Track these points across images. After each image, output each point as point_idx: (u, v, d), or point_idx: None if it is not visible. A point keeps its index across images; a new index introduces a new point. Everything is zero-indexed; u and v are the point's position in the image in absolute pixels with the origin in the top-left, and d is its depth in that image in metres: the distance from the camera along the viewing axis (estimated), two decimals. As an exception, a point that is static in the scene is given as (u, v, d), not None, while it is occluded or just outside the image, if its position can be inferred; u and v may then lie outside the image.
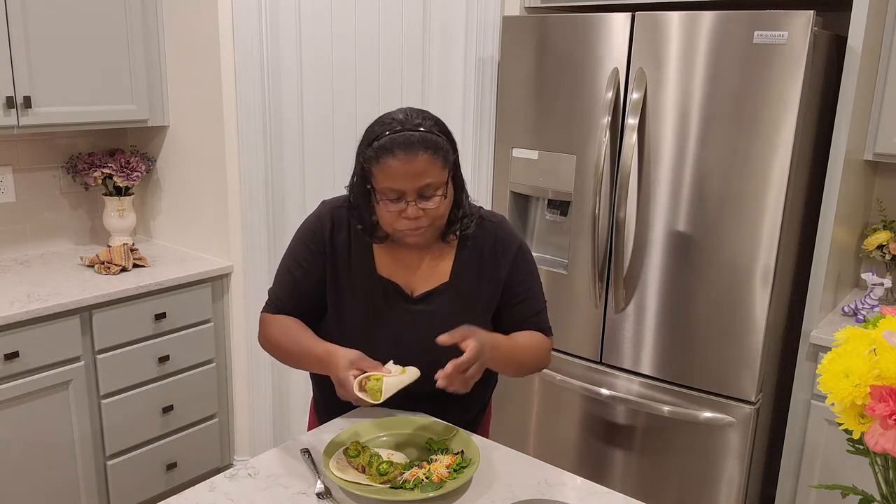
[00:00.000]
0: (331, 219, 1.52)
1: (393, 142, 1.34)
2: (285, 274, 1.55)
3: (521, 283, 1.57)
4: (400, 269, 1.52)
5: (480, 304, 1.55)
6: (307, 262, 1.53)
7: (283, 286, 1.56)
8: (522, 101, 2.52)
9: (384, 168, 1.34)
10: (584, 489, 1.34)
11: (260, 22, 2.49)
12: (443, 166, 1.38)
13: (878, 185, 2.54)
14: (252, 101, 2.56)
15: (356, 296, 1.52)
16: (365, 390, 1.29)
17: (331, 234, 1.51)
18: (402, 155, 1.33)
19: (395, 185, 1.35)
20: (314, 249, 1.52)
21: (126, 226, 2.87)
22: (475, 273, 1.54)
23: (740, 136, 2.10)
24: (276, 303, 1.56)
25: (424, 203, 1.37)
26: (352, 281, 1.52)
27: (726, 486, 2.30)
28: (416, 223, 1.38)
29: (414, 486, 1.27)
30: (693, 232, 2.22)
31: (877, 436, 0.83)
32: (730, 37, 2.07)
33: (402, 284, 1.52)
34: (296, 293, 1.54)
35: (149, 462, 2.59)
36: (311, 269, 1.53)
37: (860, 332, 0.92)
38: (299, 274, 1.53)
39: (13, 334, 2.17)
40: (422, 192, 1.36)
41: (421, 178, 1.35)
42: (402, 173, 1.34)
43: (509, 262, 1.55)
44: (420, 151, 1.34)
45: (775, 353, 2.30)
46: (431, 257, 1.53)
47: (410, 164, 1.33)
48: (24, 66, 2.38)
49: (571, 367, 2.54)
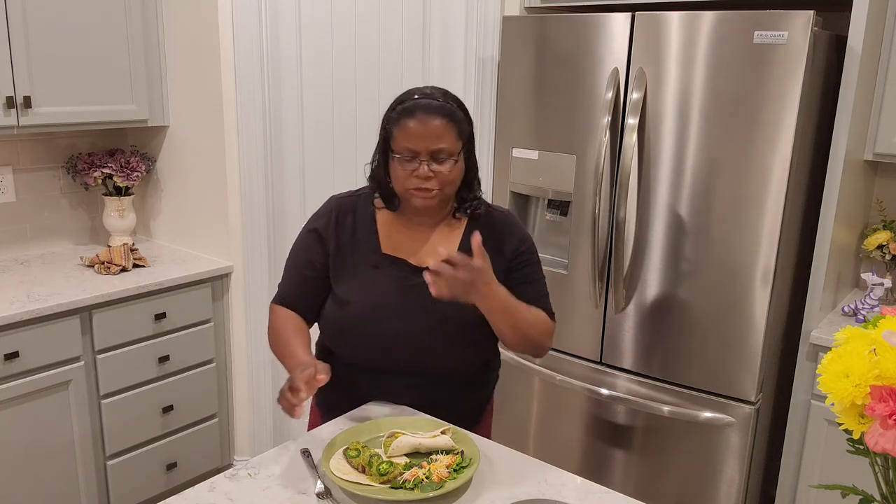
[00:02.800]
0: (336, 208, 1.61)
1: (416, 106, 1.46)
2: (291, 268, 1.64)
3: (524, 267, 1.60)
4: (406, 245, 1.57)
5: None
6: (310, 252, 1.59)
7: (287, 277, 1.65)
8: (522, 101, 2.52)
9: (403, 128, 1.45)
10: (584, 489, 1.34)
11: (260, 22, 2.49)
12: (457, 137, 1.47)
13: (878, 185, 2.54)
14: (252, 101, 2.56)
15: (359, 274, 1.56)
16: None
17: (335, 222, 1.59)
18: (422, 116, 1.45)
19: (411, 144, 1.45)
20: (316, 238, 1.59)
21: (126, 226, 2.87)
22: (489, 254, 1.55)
23: (740, 136, 2.10)
24: (281, 293, 1.64)
25: (436, 166, 1.46)
26: (356, 261, 1.57)
27: (726, 486, 2.30)
28: (426, 183, 1.46)
29: (414, 486, 1.27)
30: (693, 232, 2.22)
31: (877, 436, 0.83)
32: (730, 37, 2.07)
33: (408, 259, 1.56)
34: (300, 283, 1.61)
35: (149, 462, 2.59)
36: (314, 259, 1.59)
37: (860, 332, 0.92)
38: (303, 266, 1.60)
39: (13, 334, 2.17)
40: (434, 154, 1.45)
41: (435, 141, 1.45)
42: (418, 134, 1.44)
43: (514, 246, 1.60)
44: (437, 117, 1.45)
45: (775, 353, 2.30)
46: (438, 236, 1.58)
47: (427, 127, 1.44)
48: (24, 66, 2.38)
49: (571, 367, 2.54)
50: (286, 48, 2.56)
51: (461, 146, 1.49)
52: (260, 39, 2.51)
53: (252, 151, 2.60)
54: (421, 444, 1.38)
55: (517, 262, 1.59)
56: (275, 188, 2.67)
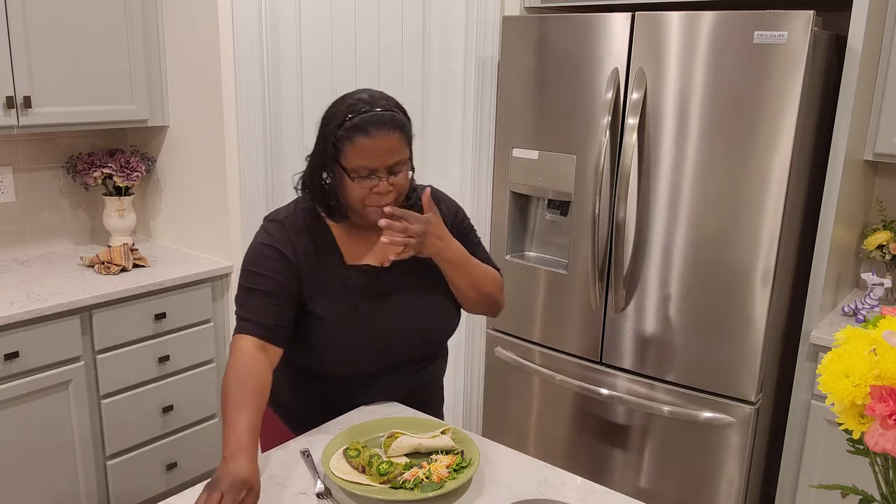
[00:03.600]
0: (287, 230, 1.51)
1: (365, 121, 1.41)
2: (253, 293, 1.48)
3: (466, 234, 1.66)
4: (367, 251, 1.57)
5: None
6: (275, 273, 1.47)
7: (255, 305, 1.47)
8: (522, 101, 2.52)
9: (356, 146, 1.41)
10: (584, 489, 1.34)
11: (260, 22, 2.49)
12: (407, 144, 1.47)
13: (878, 185, 2.54)
14: (252, 100, 2.56)
15: (334, 291, 1.52)
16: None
17: (295, 245, 1.50)
18: (376, 133, 1.40)
19: (367, 162, 1.41)
20: (281, 261, 1.49)
21: (126, 226, 2.87)
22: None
23: (740, 136, 2.10)
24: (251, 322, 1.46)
25: (394, 179, 1.44)
26: (325, 279, 1.52)
27: (726, 486, 2.30)
28: (386, 198, 1.44)
29: (414, 486, 1.27)
30: (693, 232, 2.22)
31: (877, 436, 0.83)
32: (730, 37, 2.07)
33: (373, 263, 1.56)
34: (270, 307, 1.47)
35: (149, 462, 2.59)
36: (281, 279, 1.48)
37: (860, 332, 0.92)
38: (270, 287, 1.47)
39: (13, 334, 2.17)
40: (392, 168, 1.44)
41: (392, 155, 1.42)
42: (374, 151, 1.41)
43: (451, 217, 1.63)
44: (391, 130, 1.42)
45: (775, 354, 2.30)
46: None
47: (383, 143, 1.41)
48: (24, 66, 2.38)
49: (571, 367, 2.54)
50: (286, 48, 2.56)
51: (410, 151, 1.48)
52: (260, 39, 2.50)
53: (252, 151, 2.59)
54: (421, 445, 1.38)
55: (457, 230, 1.63)
56: (275, 188, 2.67)
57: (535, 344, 2.63)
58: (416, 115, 2.75)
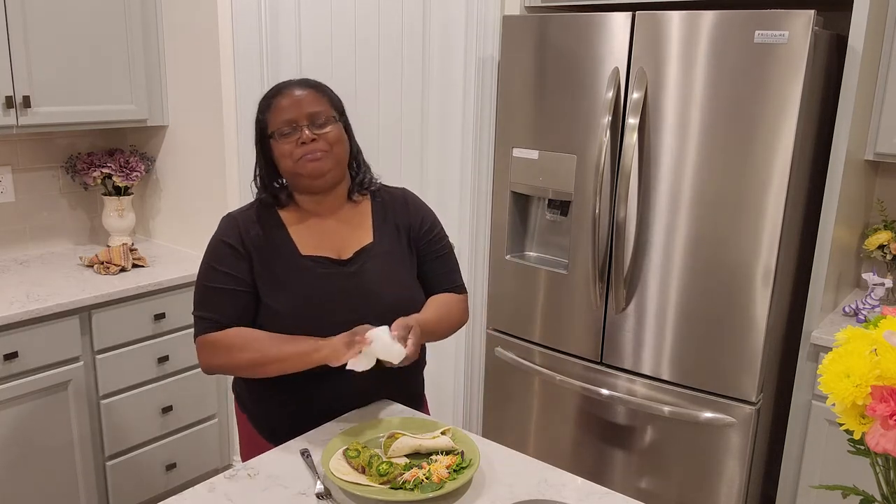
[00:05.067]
0: (238, 223, 1.55)
1: (278, 87, 1.53)
2: (215, 291, 1.52)
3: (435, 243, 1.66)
4: (323, 242, 1.56)
5: (406, 259, 1.62)
6: (233, 268, 1.51)
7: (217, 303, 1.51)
8: (522, 101, 2.52)
9: (274, 108, 1.49)
10: (584, 489, 1.34)
11: (259, 22, 2.48)
12: (329, 104, 1.52)
13: (879, 185, 2.54)
14: (252, 100, 2.53)
15: (288, 282, 1.51)
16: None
17: (244, 236, 1.53)
18: (288, 91, 1.50)
19: (287, 115, 1.48)
20: (235, 255, 1.51)
21: (125, 226, 2.86)
22: (394, 230, 1.61)
23: (741, 136, 2.10)
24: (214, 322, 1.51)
25: (318, 130, 1.48)
26: (279, 270, 1.52)
27: (727, 487, 2.29)
28: (313, 146, 1.47)
29: (414, 487, 1.26)
30: (693, 232, 2.22)
31: (878, 436, 0.83)
32: (730, 36, 2.06)
33: (331, 254, 1.55)
34: (234, 305, 1.51)
35: (148, 462, 2.59)
36: (240, 274, 1.51)
37: (861, 333, 0.92)
38: (231, 284, 1.51)
39: (12, 334, 2.17)
40: (312, 118, 1.48)
41: (309, 105, 1.49)
42: (290, 104, 1.48)
43: (419, 222, 1.64)
44: (304, 88, 1.51)
45: (776, 354, 2.30)
46: (350, 225, 1.59)
47: (297, 97, 1.49)
48: (24, 66, 2.38)
49: (571, 368, 2.54)
50: (286, 48, 2.56)
51: (337, 114, 1.53)
52: (259, 39, 2.50)
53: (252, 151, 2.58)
54: (421, 446, 1.38)
55: (427, 238, 1.64)
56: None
57: (536, 344, 2.63)
58: (415, 115, 2.75)
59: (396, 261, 1.59)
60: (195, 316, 1.54)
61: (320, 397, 1.56)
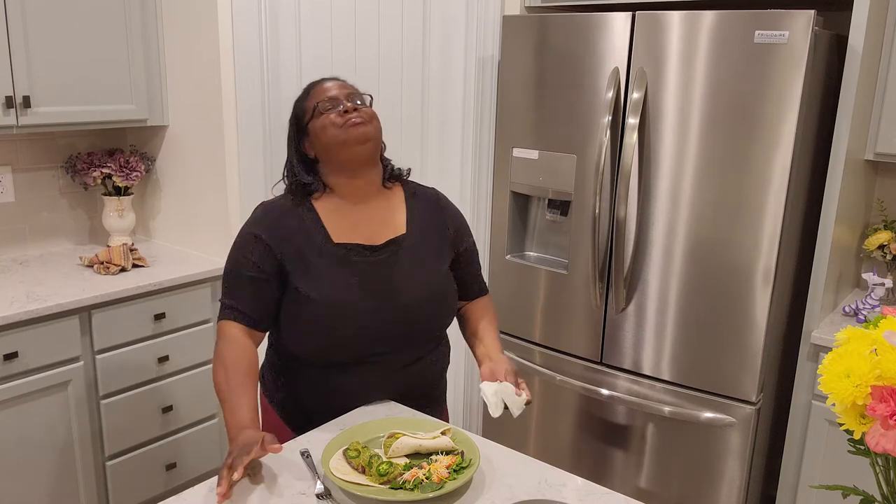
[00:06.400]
0: (270, 213, 1.58)
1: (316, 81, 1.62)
2: (238, 279, 1.54)
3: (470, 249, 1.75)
4: (355, 230, 1.58)
5: (437, 252, 1.64)
6: (258, 259, 1.53)
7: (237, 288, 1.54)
8: (522, 101, 2.52)
9: (314, 91, 1.58)
10: (584, 489, 1.34)
11: (259, 22, 2.48)
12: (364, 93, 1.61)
13: (879, 185, 2.54)
14: (251, 100, 2.55)
15: (319, 269, 1.53)
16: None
17: (274, 227, 1.55)
18: (328, 80, 1.60)
19: (327, 94, 1.55)
20: (261, 246, 1.53)
21: (125, 226, 2.86)
22: (427, 224, 1.65)
23: (741, 136, 2.10)
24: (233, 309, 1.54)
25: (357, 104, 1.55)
26: (311, 258, 1.54)
27: (727, 487, 2.29)
28: (357, 114, 1.52)
29: (414, 487, 1.26)
30: (693, 232, 2.22)
31: (877, 436, 0.83)
32: (730, 36, 2.06)
33: (363, 241, 1.57)
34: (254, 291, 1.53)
35: (148, 462, 2.59)
36: (263, 265, 1.53)
37: (861, 333, 0.92)
38: (254, 273, 1.53)
39: (12, 334, 2.17)
40: (351, 97, 1.56)
41: (348, 88, 1.58)
42: (330, 87, 1.57)
43: (458, 227, 1.71)
44: (340, 80, 1.60)
45: (776, 354, 2.30)
46: (382, 213, 1.61)
47: (336, 82, 1.59)
48: (24, 66, 2.38)
49: (571, 368, 2.54)
50: (286, 48, 2.56)
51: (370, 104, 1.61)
52: (259, 39, 2.50)
53: (252, 151, 2.59)
54: (421, 446, 1.38)
55: (461, 246, 1.70)
56: (275, 188, 2.67)
57: (536, 344, 2.63)
58: (415, 114, 2.75)
59: (427, 255, 1.62)
60: (220, 301, 1.58)
61: (344, 391, 1.58)
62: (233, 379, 1.45)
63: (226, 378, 1.46)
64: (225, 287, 1.57)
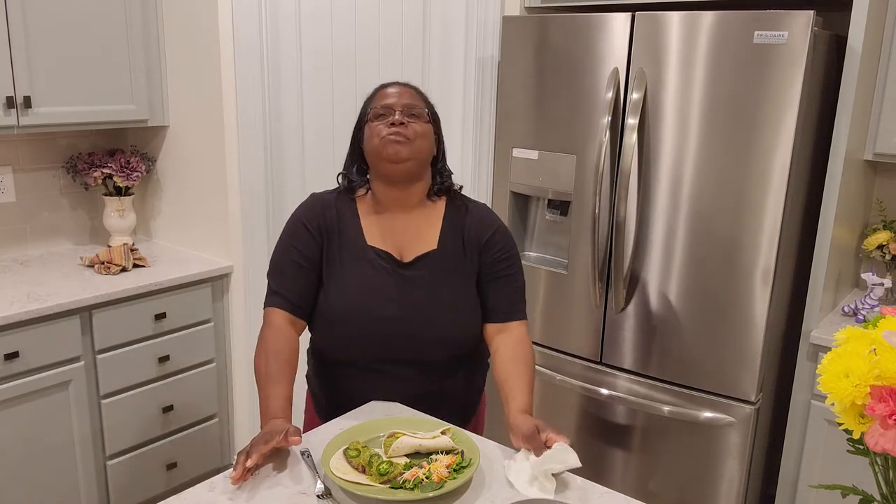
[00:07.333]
0: (319, 205, 1.63)
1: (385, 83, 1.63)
2: (284, 265, 1.60)
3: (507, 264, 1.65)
4: (389, 238, 1.60)
5: (465, 271, 1.62)
6: (305, 247, 1.59)
7: (282, 274, 1.60)
8: (522, 101, 2.52)
9: (379, 94, 1.60)
10: (584, 489, 1.34)
11: (260, 22, 2.49)
12: (425, 107, 1.59)
13: (879, 185, 2.54)
14: (252, 101, 2.55)
15: (348, 267, 1.58)
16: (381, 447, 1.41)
17: (321, 218, 1.60)
18: (393, 84, 1.62)
19: (386, 101, 1.56)
20: (308, 235, 1.60)
21: (126, 226, 2.87)
22: (460, 242, 1.63)
23: (740, 136, 2.10)
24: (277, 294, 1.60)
25: (410, 119, 1.55)
26: (343, 253, 1.59)
27: (726, 486, 2.30)
28: (401, 129, 1.53)
29: (414, 486, 1.27)
30: (693, 231, 2.22)
31: (877, 436, 0.83)
32: (730, 37, 2.07)
33: (393, 251, 1.59)
34: (297, 278, 1.59)
35: (149, 462, 2.59)
36: (309, 253, 1.59)
37: (860, 332, 0.92)
38: (300, 260, 1.59)
39: (13, 334, 2.17)
40: (407, 108, 1.55)
41: (408, 98, 1.57)
42: (391, 94, 1.58)
43: (490, 232, 1.64)
44: (408, 87, 1.61)
45: (775, 353, 2.30)
46: (419, 225, 1.61)
47: (400, 89, 1.59)
48: (24, 66, 2.38)
49: (571, 367, 2.54)
50: (286, 48, 2.56)
51: (428, 117, 1.59)
52: (260, 39, 2.50)
53: (252, 151, 2.59)
54: (421, 446, 1.38)
55: (492, 254, 1.63)
56: (275, 188, 2.67)
57: (536, 344, 2.63)
58: (416, 115, 2.75)
59: (453, 270, 1.61)
60: (268, 286, 1.63)
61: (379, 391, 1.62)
62: (272, 366, 1.50)
63: (265, 365, 1.51)
64: (271, 273, 1.62)
